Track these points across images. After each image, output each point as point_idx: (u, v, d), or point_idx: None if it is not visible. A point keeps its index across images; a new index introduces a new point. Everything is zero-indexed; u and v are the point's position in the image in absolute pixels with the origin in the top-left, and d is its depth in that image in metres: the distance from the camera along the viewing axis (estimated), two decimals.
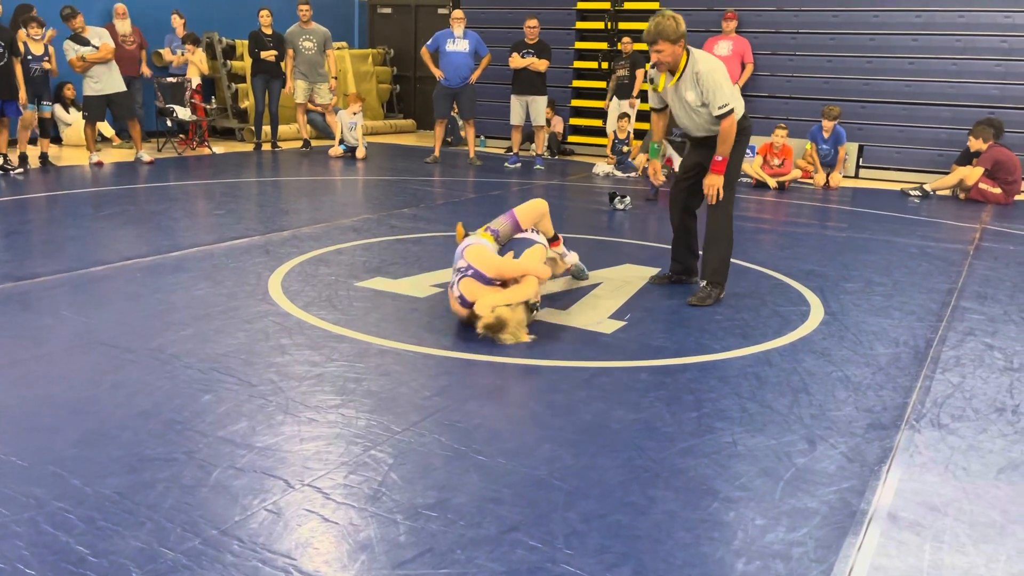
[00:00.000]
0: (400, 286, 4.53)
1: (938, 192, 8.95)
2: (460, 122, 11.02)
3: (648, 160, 4.96)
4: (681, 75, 4.30)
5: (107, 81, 8.54)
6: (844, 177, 9.86)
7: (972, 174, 8.60)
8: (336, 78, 10.71)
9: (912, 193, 8.89)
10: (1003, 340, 3.99)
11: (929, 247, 6.17)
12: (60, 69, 8.83)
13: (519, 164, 10.04)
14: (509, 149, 10.51)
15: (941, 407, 3.15)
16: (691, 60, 4.26)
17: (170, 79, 10.39)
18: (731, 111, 4.23)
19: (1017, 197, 8.70)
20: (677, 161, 8.71)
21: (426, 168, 9.63)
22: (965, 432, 2.93)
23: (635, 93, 10.35)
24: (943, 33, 9.98)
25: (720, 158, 4.31)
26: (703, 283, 4.54)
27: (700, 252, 4.74)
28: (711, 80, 4.20)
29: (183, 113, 10.15)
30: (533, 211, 4.27)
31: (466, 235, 4.17)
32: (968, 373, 3.52)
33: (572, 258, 4.72)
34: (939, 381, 3.42)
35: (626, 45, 10.44)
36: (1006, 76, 9.73)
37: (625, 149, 9.97)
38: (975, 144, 8.77)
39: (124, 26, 10.31)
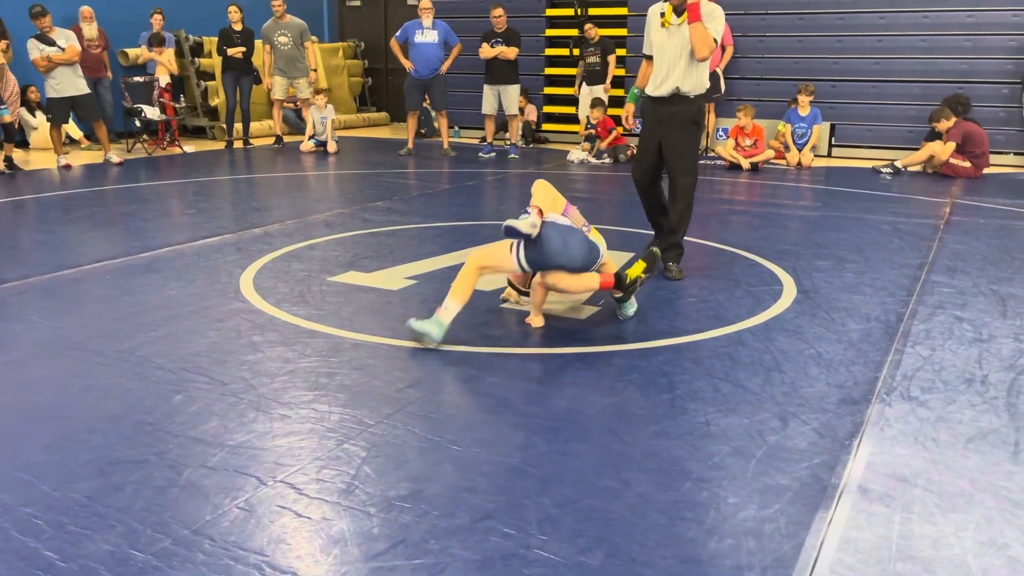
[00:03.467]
0: (374, 279, 4.51)
1: (909, 168, 9.02)
2: (433, 113, 10.98)
3: (626, 103, 5.10)
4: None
5: (67, 83, 8.40)
6: (816, 156, 9.92)
7: (944, 150, 8.68)
8: (315, 71, 10.62)
9: (884, 170, 8.95)
10: (972, 312, 4.03)
11: (901, 223, 6.22)
12: (24, 71, 8.69)
13: (493, 154, 10.02)
14: (483, 139, 10.48)
15: (911, 380, 3.18)
16: (703, 5, 4.50)
17: (137, 79, 10.27)
18: (715, 43, 4.50)
19: (986, 170, 8.78)
20: None
21: (400, 161, 9.59)
22: (934, 404, 2.96)
23: (609, 79, 10.33)
24: (911, 10, 10.05)
25: (698, 17, 4.44)
26: (671, 265, 4.71)
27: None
28: (717, 14, 4.52)
29: (151, 113, 10.03)
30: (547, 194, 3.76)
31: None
32: (938, 346, 3.56)
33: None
34: (909, 355, 3.45)
35: (590, 30, 10.39)
36: (974, 51, 9.81)
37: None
38: (941, 126, 8.84)
39: (91, 30, 10.17)
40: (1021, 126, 9.60)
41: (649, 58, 4.79)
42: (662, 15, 4.65)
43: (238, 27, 10.20)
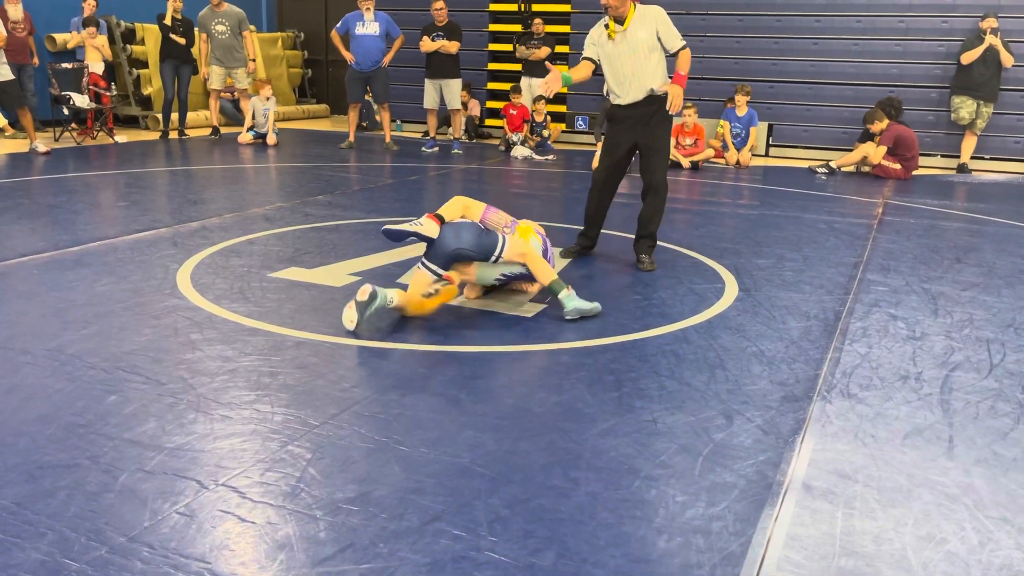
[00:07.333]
0: (316, 276, 4.43)
1: (843, 168, 9.26)
2: (375, 106, 10.84)
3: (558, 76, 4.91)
4: (631, 22, 4.65)
5: None
6: (754, 155, 10.11)
7: (876, 152, 8.93)
8: (254, 60, 10.38)
9: (819, 170, 9.17)
10: (906, 310, 4.15)
11: (836, 222, 6.38)
12: None
13: (436, 148, 9.94)
14: (426, 133, 10.40)
15: (850, 377, 3.25)
16: (638, 9, 4.68)
17: (66, 65, 9.88)
18: (687, 46, 4.68)
19: (915, 172, 9.07)
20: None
21: (341, 154, 9.45)
22: (872, 400, 3.04)
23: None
24: (844, 14, 10.31)
25: (682, 73, 4.65)
26: (643, 256, 4.88)
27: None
28: (666, 19, 4.68)
29: (80, 100, 9.67)
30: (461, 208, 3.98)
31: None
32: (874, 343, 3.65)
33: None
34: (848, 352, 3.53)
35: (538, 25, 10.40)
36: (904, 55, 10.11)
37: (545, 133, 9.97)
38: (875, 127, 9.10)
39: (16, 12, 9.76)
40: (949, 129, 9.94)
41: (587, 59, 4.83)
42: (606, 27, 4.73)
43: (179, 16, 9.90)
